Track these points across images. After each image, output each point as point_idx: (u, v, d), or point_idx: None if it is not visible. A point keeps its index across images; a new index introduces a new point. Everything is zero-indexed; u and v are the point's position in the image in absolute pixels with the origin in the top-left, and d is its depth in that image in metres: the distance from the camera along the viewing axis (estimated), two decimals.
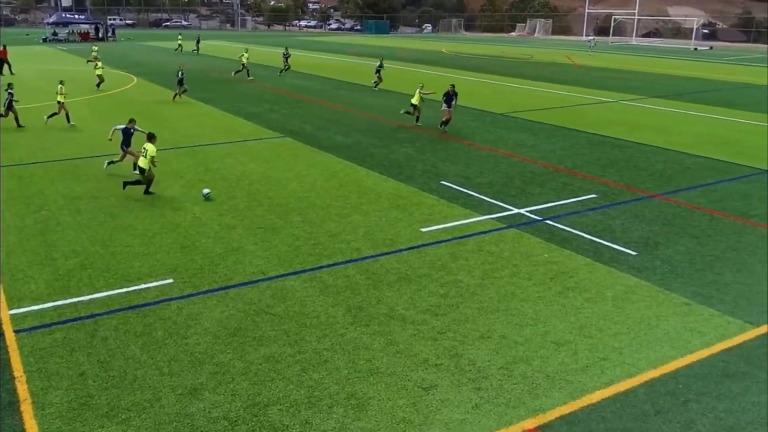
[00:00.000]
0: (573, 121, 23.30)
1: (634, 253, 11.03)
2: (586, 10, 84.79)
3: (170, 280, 9.84)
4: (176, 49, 53.88)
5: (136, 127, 15.58)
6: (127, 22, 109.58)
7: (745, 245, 11.47)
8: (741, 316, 8.86)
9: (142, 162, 13.88)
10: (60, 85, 21.63)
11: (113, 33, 75.52)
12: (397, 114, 23.53)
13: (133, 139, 15.56)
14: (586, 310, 9.01)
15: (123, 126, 15.55)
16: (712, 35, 78.25)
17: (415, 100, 21.87)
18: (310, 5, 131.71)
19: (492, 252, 11.03)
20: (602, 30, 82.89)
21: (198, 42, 54.01)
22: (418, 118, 22.01)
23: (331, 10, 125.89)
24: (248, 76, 34.73)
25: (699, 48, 63.53)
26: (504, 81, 35.43)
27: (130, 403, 6.88)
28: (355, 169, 16.45)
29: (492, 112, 25.07)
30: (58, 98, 21.40)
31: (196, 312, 8.90)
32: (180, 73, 27.62)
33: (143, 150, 13.90)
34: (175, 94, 27.68)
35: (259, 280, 9.90)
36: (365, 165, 16.79)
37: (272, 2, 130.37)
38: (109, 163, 15.92)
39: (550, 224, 12.43)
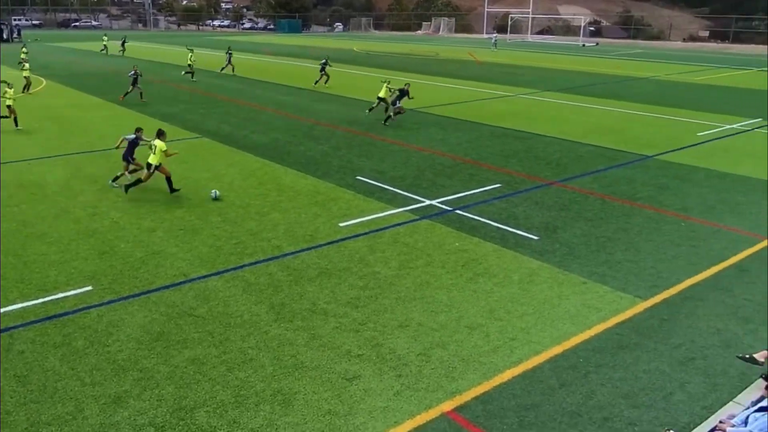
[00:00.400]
0: (477, 114, 23.79)
1: (536, 237, 11.39)
2: (486, 10, 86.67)
3: (89, 288, 9.34)
4: (102, 50, 50.93)
5: (142, 137, 14.39)
6: (34, 22, 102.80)
7: (633, 226, 12.08)
8: (631, 291, 9.33)
9: (152, 159, 13.42)
10: (8, 88, 20.05)
11: (19, 34, 70.57)
12: (312, 111, 23.28)
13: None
14: (495, 293, 9.24)
15: (132, 136, 14.31)
16: (597, 32, 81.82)
17: (382, 94, 22.09)
18: (223, 5, 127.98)
19: (407, 243, 11.11)
20: (500, 28, 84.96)
21: (124, 42, 51.21)
22: (389, 117, 21.72)
23: (244, 10, 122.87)
24: (192, 78, 33.72)
25: (586, 44, 66.27)
26: (413, 78, 35.65)
27: (51, 417, 6.48)
28: (273, 167, 16.16)
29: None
30: (8, 102, 19.86)
31: (118, 318, 8.49)
32: (134, 73, 26.36)
33: (152, 147, 13.44)
34: (126, 93, 26.54)
35: (181, 283, 9.56)
36: (283, 163, 16.51)
37: (185, 2, 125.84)
38: (113, 180, 14.47)
39: (459, 214, 12.65)
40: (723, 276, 9.93)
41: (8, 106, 19.99)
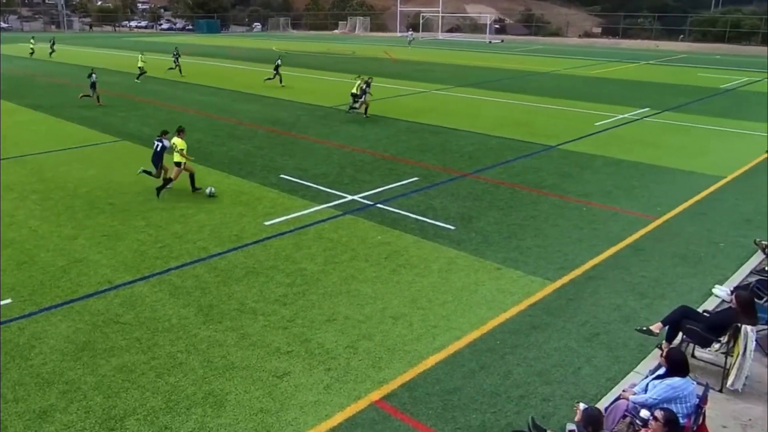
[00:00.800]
0: (394, 111, 23.89)
1: (452, 227, 11.57)
2: (399, 9, 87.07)
3: (8, 300, 8.72)
4: (31, 53, 47.28)
5: (164, 140, 13.42)
6: None
7: (540, 213, 12.48)
8: (541, 275, 9.64)
9: (177, 157, 13.15)
10: None
11: None
12: (234, 111, 22.68)
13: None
14: (416, 284, 9.31)
15: (162, 139, 13.44)
16: (502, 30, 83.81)
17: (354, 89, 22.13)
18: (140, 5, 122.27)
19: (332, 239, 11.02)
20: (413, 27, 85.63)
21: (53, 44, 47.64)
22: (366, 110, 22.05)
23: (162, 10, 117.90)
24: (137, 79, 32.26)
25: (493, 41, 67.82)
26: (331, 76, 35.46)
27: None
28: (196, 168, 15.55)
29: (323, 106, 24.99)
30: None
31: (40, 330, 7.97)
32: (92, 76, 24.83)
33: (173, 146, 13.14)
34: (83, 95, 25.28)
35: (105, 290, 9.08)
36: (206, 163, 15.99)
37: (99, 2, 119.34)
38: (143, 171, 13.92)
39: (381, 208, 12.67)
40: (621, 255, 10.42)
41: None
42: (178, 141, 13.14)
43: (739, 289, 8.25)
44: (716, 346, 7.16)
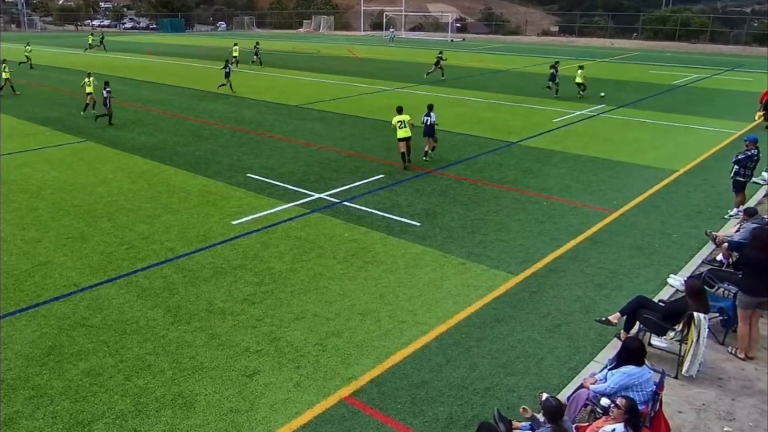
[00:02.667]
0: (359, 109, 23.82)
1: (418, 224, 11.60)
2: (362, 8, 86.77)
3: None
4: (27, 62, 43.01)
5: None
6: None
7: (502, 207, 12.60)
8: (504, 268, 9.74)
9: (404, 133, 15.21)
10: None
11: None
12: (200, 111, 22.29)
13: None
14: (383, 280, 9.31)
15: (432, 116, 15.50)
16: (463, 28, 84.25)
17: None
18: (102, 4, 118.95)
19: (299, 237, 10.94)
20: (376, 25, 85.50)
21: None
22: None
23: (125, 9, 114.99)
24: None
25: (454, 40, 68.14)
26: (296, 75, 35.15)
27: None
28: (162, 168, 15.30)
29: (288, 105, 24.75)
30: None
31: (5, 336, 7.71)
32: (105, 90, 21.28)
33: (403, 122, 15.20)
34: (98, 115, 21.47)
35: (72, 293, 8.84)
36: (172, 164, 15.69)
37: (61, 1, 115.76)
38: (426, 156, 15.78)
39: (347, 205, 12.62)
40: (580, 248, 10.60)
41: None
42: (406, 117, 15.32)
43: (692, 278, 8.48)
44: (671, 334, 7.35)
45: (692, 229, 11.59)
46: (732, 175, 12.30)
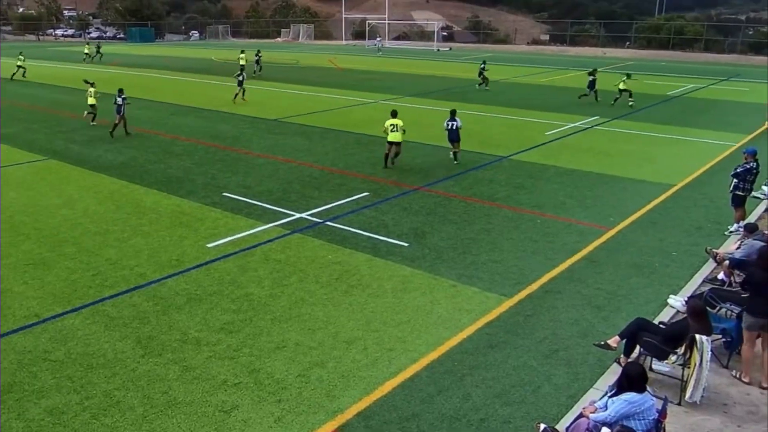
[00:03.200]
0: (341, 122, 23.92)
1: (406, 244, 11.62)
2: (344, 16, 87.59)
3: None
4: (22, 72, 40.69)
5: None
6: None
7: (494, 226, 12.68)
8: (497, 291, 9.77)
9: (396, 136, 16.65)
10: None
11: None
12: (171, 126, 22.23)
13: None
14: (370, 305, 9.29)
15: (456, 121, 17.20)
16: (450, 37, 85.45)
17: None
18: (66, 12, 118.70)
19: (279, 260, 10.90)
20: (359, 34, 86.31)
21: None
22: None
23: (90, 18, 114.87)
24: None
25: (441, 49, 68.97)
26: (274, 87, 35.27)
27: None
28: (131, 188, 15.20)
29: (265, 119, 24.79)
30: None
31: None
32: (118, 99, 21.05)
33: (395, 126, 16.50)
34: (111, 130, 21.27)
35: (33, 324, 8.69)
36: (143, 183, 15.60)
37: (21, 9, 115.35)
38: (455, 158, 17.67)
39: (330, 225, 12.62)
40: (576, 268, 10.68)
41: None
42: (399, 121, 16.67)
43: (693, 298, 8.58)
44: (673, 358, 7.40)
45: (692, 246, 11.75)
46: (731, 189, 12.52)
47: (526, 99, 30.81)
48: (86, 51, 51.51)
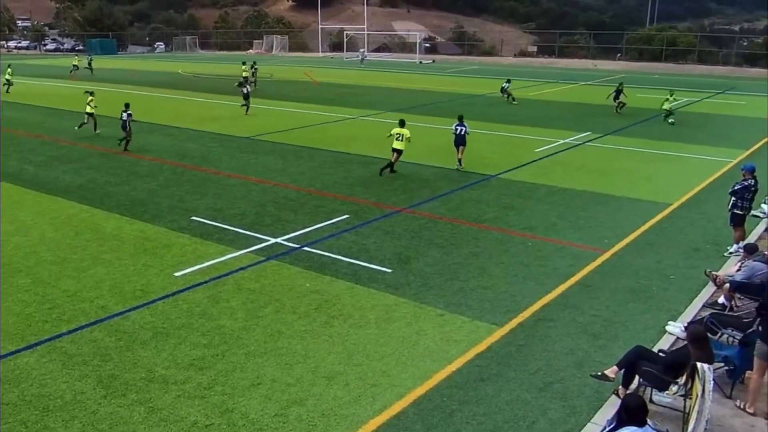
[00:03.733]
0: (318, 140, 24.01)
1: (389, 270, 11.64)
2: (320, 26, 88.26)
3: None
4: (7, 86, 41.35)
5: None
6: None
7: (483, 250, 12.76)
8: (488, 319, 9.81)
9: (399, 144, 18.43)
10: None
11: None
12: (135, 144, 22.14)
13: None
14: (352, 336, 9.26)
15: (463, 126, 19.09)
16: (433, 49, 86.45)
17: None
18: (19, 22, 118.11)
19: (253, 289, 10.84)
20: (336, 46, 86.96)
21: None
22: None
23: (46, 28, 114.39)
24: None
25: (423, 61, 69.77)
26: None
27: None
28: (92, 212, 15.07)
29: (236, 137, 24.78)
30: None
31: None
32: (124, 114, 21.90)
33: (400, 135, 18.36)
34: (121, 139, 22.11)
35: None
36: (103, 207, 15.47)
37: None
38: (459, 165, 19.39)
39: (308, 251, 12.60)
40: (571, 293, 10.77)
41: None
42: (405, 131, 18.39)
43: (693, 324, 8.68)
44: (674, 388, 7.46)
45: (690, 268, 11.91)
46: (729, 207, 12.75)
47: (515, 114, 31.21)
48: (75, 63, 51.76)
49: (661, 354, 8.15)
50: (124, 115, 21.75)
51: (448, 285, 11.05)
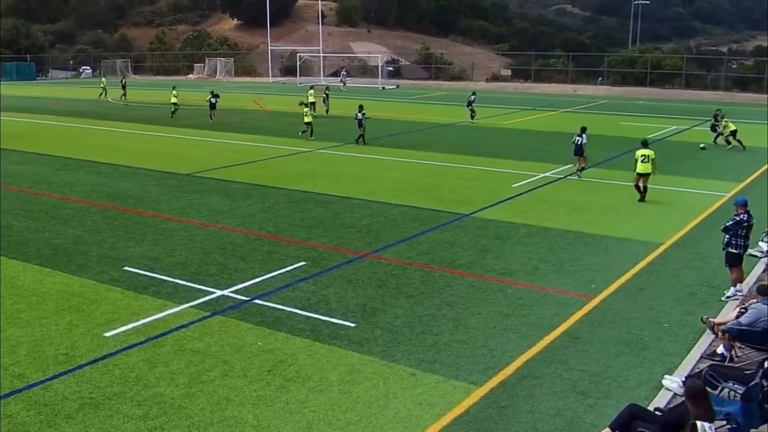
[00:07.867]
0: (270, 177, 24.05)
1: (353, 324, 11.63)
2: (269, 47, 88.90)
3: None
4: None
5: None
6: None
7: (458, 298, 12.85)
8: (465, 378, 9.84)
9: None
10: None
11: None
12: (58, 184, 21.85)
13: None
14: (311, 402, 9.19)
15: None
16: (397, 72, 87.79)
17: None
18: None
19: (197, 350, 10.71)
20: (288, 70, 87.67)
21: None
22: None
23: None
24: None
25: (386, 87, 70.72)
26: (185, 134, 35.24)
27: None
28: (6, 264, 14.76)
29: (176, 173, 24.68)
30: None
31: None
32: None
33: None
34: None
35: None
36: (20, 257, 15.19)
37: None
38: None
39: (259, 304, 12.54)
40: (556, 346, 10.89)
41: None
42: (650, 152, 20.69)
43: (691, 378, 8.84)
44: None
45: (686, 315, 12.17)
46: (723, 246, 13.12)
47: (489, 145, 31.77)
48: (103, 84, 58.22)
49: (657, 412, 8.26)
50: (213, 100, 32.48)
51: (420, 339, 11.07)
